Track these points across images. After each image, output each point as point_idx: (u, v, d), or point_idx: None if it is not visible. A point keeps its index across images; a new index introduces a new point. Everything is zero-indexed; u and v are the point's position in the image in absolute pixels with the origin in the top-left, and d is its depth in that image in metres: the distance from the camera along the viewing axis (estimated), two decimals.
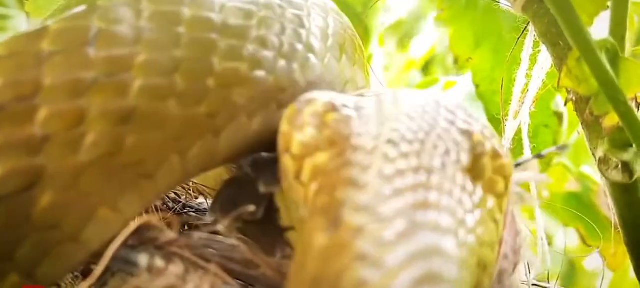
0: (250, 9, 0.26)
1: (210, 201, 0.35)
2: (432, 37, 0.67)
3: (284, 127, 0.25)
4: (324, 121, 0.23)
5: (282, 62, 0.26)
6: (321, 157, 0.22)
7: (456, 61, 0.51)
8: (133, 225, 0.23)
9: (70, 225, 0.21)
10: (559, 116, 0.47)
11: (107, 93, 0.21)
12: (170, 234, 0.25)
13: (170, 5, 0.24)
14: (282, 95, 0.27)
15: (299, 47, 0.27)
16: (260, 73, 0.25)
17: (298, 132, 0.24)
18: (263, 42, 0.26)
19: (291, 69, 0.27)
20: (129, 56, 0.22)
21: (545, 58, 0.38)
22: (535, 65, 0.39)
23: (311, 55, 0.28)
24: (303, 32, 0.28)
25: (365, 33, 0.53)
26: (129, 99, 0.22)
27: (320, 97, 0.25)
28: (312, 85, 0.28)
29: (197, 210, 0.34)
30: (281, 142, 0.24)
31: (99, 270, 0.22)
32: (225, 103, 0.24)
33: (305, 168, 0.22)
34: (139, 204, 0.23)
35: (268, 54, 0.26)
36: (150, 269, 0.23)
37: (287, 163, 0.24)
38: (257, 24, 0.26)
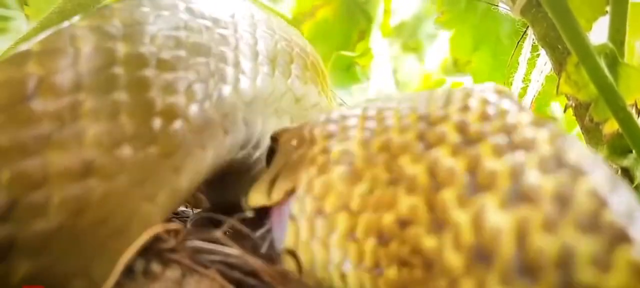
0: (179, 35, 0.25)
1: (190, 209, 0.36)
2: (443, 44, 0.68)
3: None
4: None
5: (216, 87, 0.26)
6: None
7: (455, 64, 0.51)
8: (144, 236, 0.23)
9: None
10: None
11: (63, 147, 0.20)
12: (171, 241, 0.25)
13: (105, 41, 0.22)
14: (225, 120, 0.26)
15: (229, 69, 0.27)
16: (198, 102, 0.25)
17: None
18: (196, 70, 0.25)
19: (226, 92, 0.26)
20: (75, 104, 0.21)
21: (544, 62, 0.38)
22: (533, 69, 0.39)
23: (242, 76, 0.27)
24: (230, 53, 0.27)
25: (367, 23, 0.54)
26: (86, 149, 0.21)
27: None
28: (250, 105, 0.27)
29: (181, 218, 0.34)
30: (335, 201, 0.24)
31: (111, 280, 0.22)
32: (176, 139, 0.24)
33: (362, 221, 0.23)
34: (111, 269, 0.22)
35: (201, 81, 0.25)
36: (146, 274, 0.24)
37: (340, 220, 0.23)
38: (188, 52, 0.25)
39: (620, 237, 0.17)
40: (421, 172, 0.21)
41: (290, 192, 0.25)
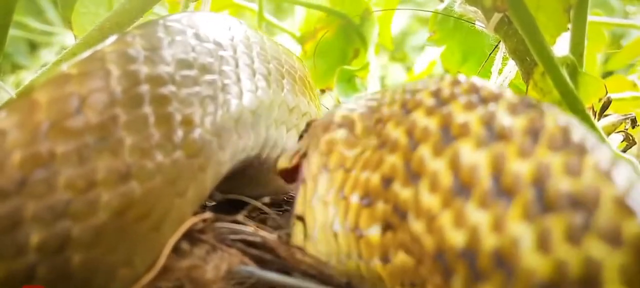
0: (190, 57, 0.27)
1: None
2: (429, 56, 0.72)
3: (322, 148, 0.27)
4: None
5: (225, 100, 0.29)
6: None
7: (447, 74, 0.55)
8: (186, 225, 0.26)
9: (99, 284, 0.23)
10: None
11: (107, 154, 0.22)
12: (200, 224, 0.29)
13: (130, 63, 0.24)
14: (237, 126, 0.29)
15: (233, 85, 0.30)
16: (212, 113, 0.28)
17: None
18: (206, 86, 0.28)
19: (234, 104, 0.29)
20: (114, 118, 0.23)
21: (509, 70, 0.42)
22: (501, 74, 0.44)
23: (244, 90, 0.31)
24: (232, 71, 0.30)
25: (362, 44, 0.58)
26: (126, 156, 0.23)
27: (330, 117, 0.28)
28: (254, 114, 0.31)
29: None
30: (321, 161, 0.27)
31: (160, 262, 0.24)
32: (198, 144, 0.26)
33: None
34: (150, 258, 0.24)
35: (212, 95, 0.28)
36: (177, 251, 0.26)
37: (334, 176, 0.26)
38: (198, 71, 0.28)
39: (584, 150, 0.19)
40: (401, 133, 0.23)
41: (303, 155, 0.28)
